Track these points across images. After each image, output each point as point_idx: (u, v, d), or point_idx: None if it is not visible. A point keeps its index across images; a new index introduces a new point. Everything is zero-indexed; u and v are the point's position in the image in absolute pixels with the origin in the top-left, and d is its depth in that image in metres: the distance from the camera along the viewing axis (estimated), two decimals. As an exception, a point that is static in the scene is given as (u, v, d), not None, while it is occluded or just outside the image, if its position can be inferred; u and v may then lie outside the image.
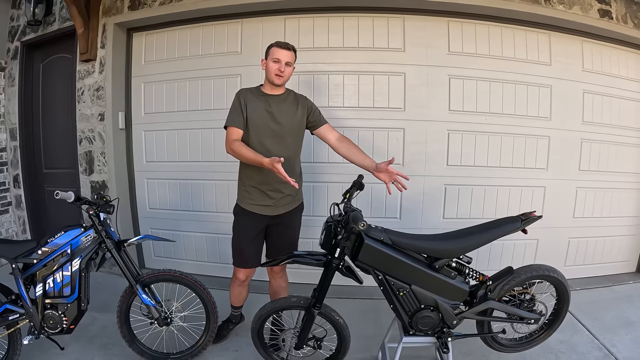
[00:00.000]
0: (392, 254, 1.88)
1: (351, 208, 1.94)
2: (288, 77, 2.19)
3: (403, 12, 3.14)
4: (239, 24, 3.25)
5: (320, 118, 2.32)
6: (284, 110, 2.20)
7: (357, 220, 1.78)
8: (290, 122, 2.21)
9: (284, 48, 2.13)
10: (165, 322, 2.34)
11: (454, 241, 1.95)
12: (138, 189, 3.57)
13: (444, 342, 1.96)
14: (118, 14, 3.39)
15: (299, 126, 2.25)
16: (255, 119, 2.17)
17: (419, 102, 3.16)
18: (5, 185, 4.03)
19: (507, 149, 3.25)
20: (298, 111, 2.23)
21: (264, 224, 2.29)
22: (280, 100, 2.23)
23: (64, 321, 2.22)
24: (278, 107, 2.20)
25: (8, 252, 2.21)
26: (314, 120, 2.29)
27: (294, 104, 2.24)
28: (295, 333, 2.16)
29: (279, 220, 2.30)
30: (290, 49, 2.15)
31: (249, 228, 2.29)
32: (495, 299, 1.98)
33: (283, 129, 2.18)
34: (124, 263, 2.27)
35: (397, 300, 1.94)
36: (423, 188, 3.21)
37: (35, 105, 3.94)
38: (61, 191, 2.15)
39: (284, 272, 2.48)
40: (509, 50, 3.21)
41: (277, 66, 2.12)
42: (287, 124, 2.19)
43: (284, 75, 2.15)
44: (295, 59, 2.21)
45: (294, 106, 2.23)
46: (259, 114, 2.17)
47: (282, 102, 2.23)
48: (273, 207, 2.25)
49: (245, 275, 2.40)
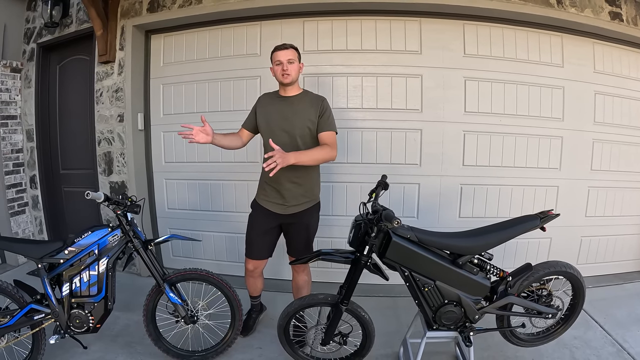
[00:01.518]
0: (418, 251, 1.92)
1: (383, 207, 1.96)
2: (296, 74, 2.21)
3: (419, 15, 3.14)
4: (258, 26, 3.24)
5: (324, 123, 2.23)
6: (298, 112, 2.21)
7: (391, 219, 1.79)
8: (302, 123, 2.21)
9: (282, 49, 2.19)
10: (192, 320, 2.34)
11: (476, 238, 1.99)
12: (157, 189, 3.55)
13: (466, 336, 2.00)
14: (137, 16, 3.36)
15: (311, 127, 2.23)
16: (266, 121, 2.25)
17: (435, 104, 3.16)
18: (22, 186, 3.99)
19: (521, 149, 3.26)
20: (311, 112, 2.22)
21: (277, 221, 2.33)
22: (295, 101, 2.25)
23: (90, 320, 2.22)
24: (293, 109, 2.22)
25: (34, 252, 2.19)
26: (319, 124, 2.24)
27: (309, 105, 2.24)
28: (322, 329, 2.17)
29: (293, 219, 2.32)
30: (288, 47, 2.20)
31: (260, 222, 2.34)
32: (515, 294, 2.01)
33: (295, 130, 2.20)
34: (151, 262, 2.26)
35: (422, 295, 1.97)
36: (440, 188, 3.22)
37: (52, 107, 3.91)
38: (91, 192, 2.14)
39: (306, 267, 2.50)
40: (523, 53, 3.22)
41: (280, 67, 2.17)
42: (299, 125, 2.20)
43: (290, 73, 2.18)
44: (299, 55, 2.24)
45: (308, 107, 2.23)
46: (272, 116, 2.24)
47: (296, 104, 2.25)
48: (284, 207, 2.28)
49: (253, 266, 2.45)
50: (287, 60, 2.17)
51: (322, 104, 2.24)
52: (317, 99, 2.27)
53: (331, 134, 2.22)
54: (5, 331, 2.17)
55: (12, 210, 3.89)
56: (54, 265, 2.20)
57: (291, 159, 1.97)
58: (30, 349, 2.26)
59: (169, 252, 3.67)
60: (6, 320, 2.16)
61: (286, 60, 2.16)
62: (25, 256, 2.26)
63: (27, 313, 2.16)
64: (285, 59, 2.16)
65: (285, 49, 2.18)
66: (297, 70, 2.21)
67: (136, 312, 2.91)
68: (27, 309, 2.16)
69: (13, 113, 3.90)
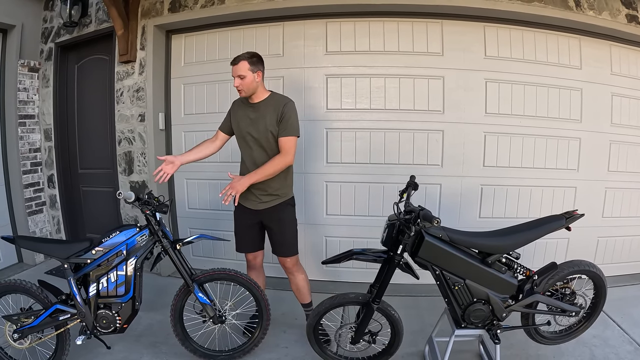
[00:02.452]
0: (450, 250, 1.92)
1: (420, 207, 1.96)
2: (249, 87, 2.21)
3: (441, 17, 3.13)
4: (281, 26, 3.22)
5: (282, 129, 2.23)
6: (262, 118, 2.25)
7: (431, 218, 1.79)
8: (265, 128, 2.24)
9: (233, 64, 2.21)
10: (220, 320, 2.31)
11: (505, 238, 2.00)
12: (177, 189, 3.52)
13: (494, 334, 2.01)
14: (158, 16, 3.33)
15: (273, 132, 2.24)
16: (236, 126, 2.34)
17: (457, 105, 3.15)
18: (40, 185, 3.94)
19: (540, 151, 3.25)
20: (272, 117, 2.23)
21: (256, 217, 2.39)
22: (260, 107, 2.28)
23: (117, 320, 2.18)
24: (257, 114, 2.27)
25: (60, 253, 2.16)
26: (279, 128, 2.24)
27: (271, 110, 2.24)
28: (351, 328, 2.16)
29: (267, 214, 2.37)
30: (238, 61, 2.19)
31: (241, 218, 2.43)
32: (540, 292, 2.03)
33: (260, 134, 2.25)
34: (180, 262, 2.23)
35: (452, 294, 1.98)
36: (460, 188, 3.21)
37: (70, 106, 3.87)
38: (123, 192, 2.12)
39: (297, 267, 2.53)
40: (542, 55, 3.21)
41: (235, 82, 2.21)
42: (262, 129, 2.25)
43: (242, 88, 2.20)
44: (256, 62, 2.21)
45: (271, 112, 2.24)
46: (241, 122, 2.31)
47: (261, 109, 2.28)
48: (256, 203, 2.34)
49: (252, 256, 2.52)
50: (237, 75, 2.18)
51: (282, 108, 2.22)
52: (279, 103, 2.25)
53: (287, 140, 2.22)
54: (29, 332, 2.14)
55: (29, 210, 3.84)
56: (80, 265, 2.17)
57: (246, 183, 2.13)
58: (54, 349, 2.22)
59: (189, 252, 3.63)
60: (30, 321, 2.13)
61: (237, 76, 2.19)
62: (51, 256, 2.24)
63: (52, 313, 2.13)
64: (235, 75, 2.19)
65: (235, 65, 2.19)
66: (250, 82, 2.20)
67: (159, 311, 2.88)
68: (53, 309, 2.13)
69: (31, 112, 3.85)
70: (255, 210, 2.36)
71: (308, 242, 3.31)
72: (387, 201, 3.18)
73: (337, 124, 3.19)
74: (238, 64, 2.18)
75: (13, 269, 3.74)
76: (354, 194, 3.22)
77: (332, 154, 3.22)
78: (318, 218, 3.31)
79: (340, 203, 3.26)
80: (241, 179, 2.14)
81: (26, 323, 2.13)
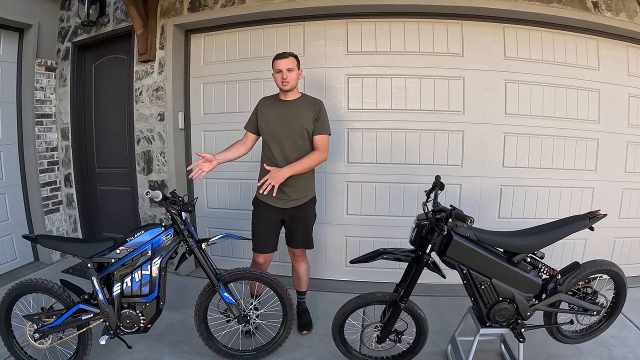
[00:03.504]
0: (478, 250, 1.91)
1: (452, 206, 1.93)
2: (295, 81, 2.30)
3: (461, 17, 3.08)
4: (301, 26, 3.17)
5: (319, 127, 2.34)
6: (296, 115, 2.30)
7: (465, 218, 1.76)
8: (300, 125, 2.29)
9: (282, 57, 2.27)
10: (245, 320, 2.27)
11: (530, 237, 2.00)
12: (196, 188, 3.47)
13: (518, 332, 1.99)
14: (177, 15, 3.27)
15: (308, 129, 2.32)
16: (265, 123, 2.35)
17: (477, 106, 3.11)
18: (57, 184, 3.89)
19: (558, 151, 3.21)
20: (308, 114, 2.31)
21: (279, 215, 2.40)
22: (293, 104, 2.35)
23: (141, 320, 2.14)
24: (291, 112, 2.31)
25: (83, 252, 2.11)
26: (315, 127, 2.34)
27: (306, 108, 2.33)
28: (377, 327, 2.14)
29: (294, 212, 2.40)
30: (288, 56, 2.28)
31: (264, 217, 2.41)
32: (563, 291, 2.03)
33: (294, 131, 2.29)
34: (206, 262, 2.19)
35: (478, 293, 1.97)
36: (480, 188, 3.16)
37: (88, 105, 3.81)
38: (151, 191, 2.07)
39: (304, 256, 2.61)
40: (560, 56, 3.17)
41: (280, 75, 2.26)
42: (297, 127, 2.29)
43: (290, 81, 2.26)
44: (298, 63, 2.33)
45: (306, 110, 2.32)
46: (272, 118, 2.34)
47: (295, 107, 2.34)
48: (284, 201, 2.35)
49: (264, 259, 2.51)
50: (286, 68, 2.25)
51: (318, 108, 2.34)
52: (314, 103, 2.37)
53: (324, 137, 2.35)
54: (50, 332, 2.10)
55: (46, 209, 3.79)
56: (103, 264, 2.12)
57: (286, 173, 2.18)
58: (75, 349, 2.18)
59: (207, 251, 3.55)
60: (52, 321, 2.09)
61: (286, 69, 2.25)
62: (74, 255, 2.18)
63: (75, 313, 2.08)
64: (284, 68, 2.25)
65: (285, 58, 2.26)
66: (296, 77, 2.30)
67: (179, 311, 2.84)
68: (75, 309, 2.08)
69: (48, 111, 3.79)
70: (282, 209, 2.38)
71: (329, 241, 3.27)
72: (407, 201, 3.14)
73: (358, 124, 3.15)
74: (288, 57, 2.26)
75: (29, 267, 3.69)
76: (374, 194, 3.17)
77: (353, 154, 3.18)
78: (339, 218, 3.26)
79: (361, 203, 3.22)
80: (281, 170, 2.18)
81: (47, 323, 2.09)
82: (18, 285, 2.10)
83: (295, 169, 2.22)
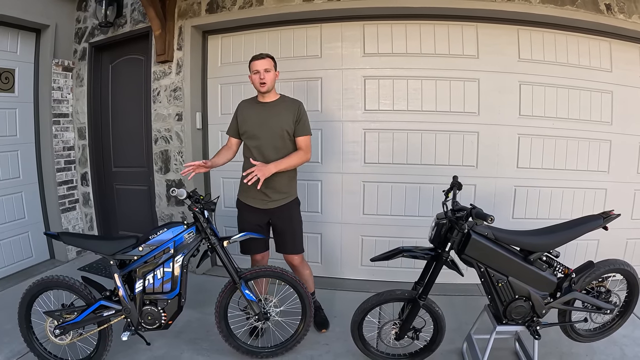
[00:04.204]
0: (496, 248, 1.92)
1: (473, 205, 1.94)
2: (272, 82, 2.27)
3: (476, 20, 3.07)
4: (318, 28, 3.17)
5: (300, 129, 2.32)
6: (275, 116, 2.28)
7: (486, 216, 1.77)
8: (280, 126, 2.27)
9: (259, 58, 2.25)
10: (265, 317, 2.27)
11: (546, 236, 2.01)
12: (214, 188, 3.46)
13: (534, 330, 1.99)
14: (195, 16, 3.26)
15: (288, 130, 2.29)
16: (246, 126, 2.33)
17: (492, 107, 3.10)
18: (73, 183, 3.88)
19: (572, 153, 3.20)
20: (288, 116, 2.29)
21: (264, 217, 2.38)
22: (271, 106, 2.32)
23: (162, 317, 2.13)
24: (270, 113, 2.29)
25: (106, 249, 2.11)
26: (295, 129, 2.32)
27: (285, 109, 2.30)
28: (395, 324, 2.14)
29: (277, 213, 2.36)
30: (265, 57, 2.26)
31: (249, 218, 2.38)
32: (578, 290, 2.03)
33: (273, 132, 2.27)
34: (227, 260, 2.19)
35: (495, 291, 1.97)
36: (495, 189, 3.15)
37: (104, 105, 3.81)
38: (176, 189, 2.06)
39: (304, 263, 2.54)
40: (574, 57, 3.16)
41: (257, 76, 2.23)
42: (277, 129, 2.27)
43: (267, 82, 2.24)
44: (275, 64, 2.30)
45: (285, 112, 2.29)
46: (250, 120, 2.31)
47: (274, 109, 2.31)
48: (265, 202, 2.33)
49: (261, 256, 2.49)
50: (263, 69, 2.23)
51: (298, 109, 2.31)
52: (293, 104, 2.34)
53: (306, 138, 2.34)
54: (71, 328, 2.09)
55: (62, 207, 3.78)
56: (124, 261, 2.12)
57: (272, 169, 2.15)
58: (95, 345, 2.18)
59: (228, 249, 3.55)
60: (72, 317, 2.08)
61: (263, 70, 2.22)
62: (96, 253, 2.17)
63: (96, 310, 2.08)
64: (262, 68, 2.23)
65: (262, 59, 2.24)
66: (273, 78, 2.28)
67: (196, 309, 2.84)
68: (97, 305, 2.08)
69: (65, 111, 3.79)
70: (264, 210, 2.35)
71: (345, 241, 3.26)
72: (423, 201, 3.12)
73: (374, 124, 3.14)
74: (265, 58, 2.25)
75: (45, 265, 3.68)
76: (390, 194, 3.17)
77: (369, 154, 3.17)
78: (355, 217, 3.25)
79: (377, 203, 3.21)
80: (267, 165, 2.14)
81: (68, 319, 2.08)
82: (39, 282, 2.10)
83: (281, 166, 2.20)
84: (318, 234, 3.34)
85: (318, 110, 3.19)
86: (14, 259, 3.46)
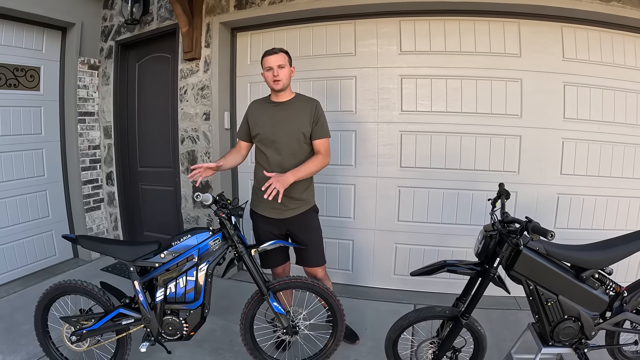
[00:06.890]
0: (547, 265, 1.68)
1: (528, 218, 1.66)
2: (287, 79, 1.98)
3: (518, 16, 2.75)
4: (352, 24, 2.86)
5: (318, 131, 2.00)
6: (291, 117, 1.98)
7: (545, 232, 1.48)
8: (296, 128, 1.97)
9: (272, 53, 1.95)
10: (294, 331, 2.00)
11: (601, 252, 1.75)
12: (241, 190, 3.18)
13: (582, 353, 1.77)
14: (223, 13, 2.99)
15: (305, 132, 1.99)
16: (258, 129, 2.02)
17: (535, 109, 2.77)
18: (98, 182, 3.65)
19: (617, 159, 2.85)
20: (304, 117, 1.99)
21: (280, 228, 2.09)
22: (286, 106, 2.01)
23: (184, 327, 1.89)
24: (285, 114, 1.99)
25: (126, 255, 1.87)
26: (313, 131, 2.00)
27: (301, 110, 2.00)
28: (433, 343, 1.87)
29: (293, 222, 2.06)
30: (278, 52, 1.96)
31: (264, 230, 2.10)
32: (629, 310, 1.78)
33: (289, 135, 1.97)
34: (255, 269, 1.91)
35: (543, 310, 1.74)
36: (537, 196, 2.83)
37: (131, 104, 3.57)
38: (201, 194, 1.82)
39: (326, 277, 2.25)
40: (619, 57, 2.81)
41: (271, 73, 1.94)
42: (293, 131, 1.97)
43: (281, 79, 1.94)
44: (290, 59, 2.00)
45: (301, 112, 1.99)
46: (263, 123, 2.01)
47: (289, 109, 2.01)
48: (280, 211, 2.02)
49: (282, 269, 2.24)
50: (277, 65, 1.92)
51: (315, 109, 2.00)
52: (310, 104, 2.03)
53: (325, 141, 2.02)
54: (88, 335, 1.88)
55: (87, 206, 3.55)
56: (146, 268, 1.88)
57: (290, 179, 1.82)
58: (113, 353, 1.96)
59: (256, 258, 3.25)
60: (90, 324, 1.87)
61: (276, 66, 1.92)
62: (116, 258, 1.94)
63: (114, 317, 1.87)
64: (275, 64, 1.92)
65: (275, 54, 1.94)
66: (288, 75, 1.97)
67: (221, 316, 2.59)
68: (115, 313, 1.86)
69: (90, 110, 3.55)
70: (281, 220, 2.05)
71: (377, 248, 2.96)
72: (461, 209, 2.80)
73: (411, 126, 2.83)
74: (278, 53, 1.95)
75: (68, 264, 3.48)
76: (427, 200, 2.85)
77: (406, 157, 2.86)
78: (389, 224, 2.95)
79: (413, 209, 2.90)
80: (284, 175, 1.81)
81: (86, 326, 1.87)
82: (57, 286, 1.90)
83: (300, 174, 1.86)
84: (350, 240, 3.04)
85: (352, 110, 2.90)
86: (37, 257, 3.29)
